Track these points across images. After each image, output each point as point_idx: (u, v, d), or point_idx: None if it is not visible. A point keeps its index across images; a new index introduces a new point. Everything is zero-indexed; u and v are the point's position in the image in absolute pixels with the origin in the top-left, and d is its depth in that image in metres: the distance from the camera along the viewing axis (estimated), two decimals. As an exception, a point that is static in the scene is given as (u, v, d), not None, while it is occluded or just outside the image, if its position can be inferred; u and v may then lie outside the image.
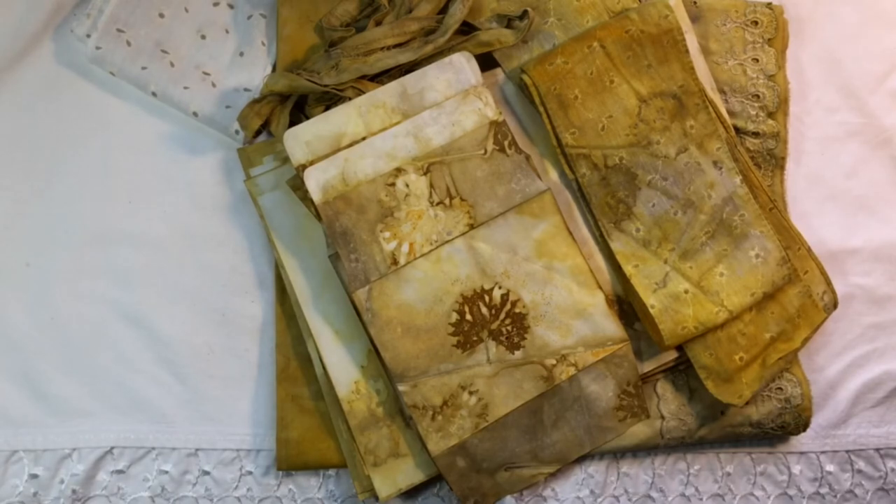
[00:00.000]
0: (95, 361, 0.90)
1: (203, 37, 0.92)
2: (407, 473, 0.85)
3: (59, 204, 0.92)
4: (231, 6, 0.93)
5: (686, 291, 0.84)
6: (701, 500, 0.93)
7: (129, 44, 0.89)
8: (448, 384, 0.81)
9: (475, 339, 0.81)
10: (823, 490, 0.94)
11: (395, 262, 0.80)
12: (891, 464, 0.95)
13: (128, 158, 0.93)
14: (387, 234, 0.81)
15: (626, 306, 0.88)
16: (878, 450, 0.95)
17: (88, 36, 0.89)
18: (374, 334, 0.80)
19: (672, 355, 0.87)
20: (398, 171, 0.81)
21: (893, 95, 0.98)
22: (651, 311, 0.83)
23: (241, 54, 0.92)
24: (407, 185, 0.81)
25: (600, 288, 0.84)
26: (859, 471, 0.94)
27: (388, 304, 0.80)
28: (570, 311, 0.83)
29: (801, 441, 0.94)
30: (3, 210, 0.92)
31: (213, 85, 0.91)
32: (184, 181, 0.92)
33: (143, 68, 0.90)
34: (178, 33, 0.91)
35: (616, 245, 0.86)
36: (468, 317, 0.81)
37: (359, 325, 0.84)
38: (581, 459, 0.91)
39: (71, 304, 0.91)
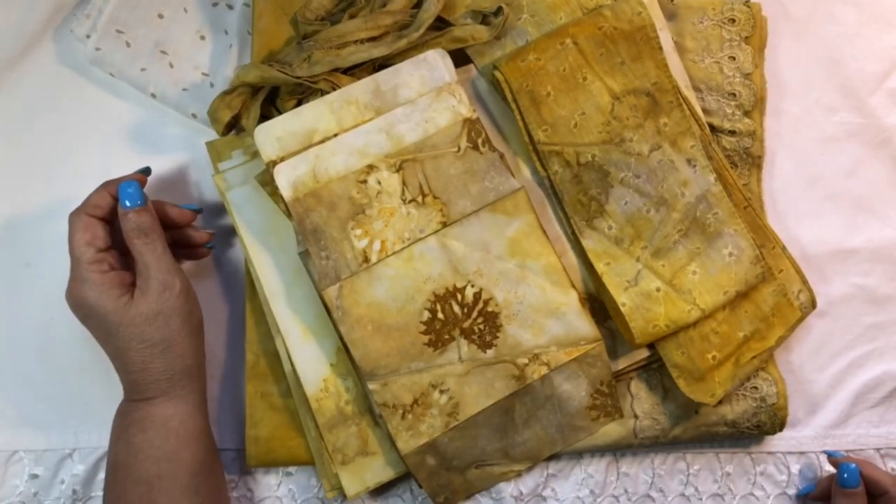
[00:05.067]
0: (96, 361, 0.90)
1: (202, 37, 0.92)
2: (375, 471, 0.85)
3: (59, 204, 0.91)
4: (230, 6, 0.93)
5: (658, 290, 0.84)
6: (700, 500, 0.94)
7: (128, 45, 0.89)
8: (419, 383, 0.81)
9: (447, 337, 0.82)
10: (824, 490, 0.95)
11: (366, 259, 0.80)
12: (891, 464, 0.96)
13: (128, 159, 0.92)
14: (358, 232, 0.80)
15: (598, 304, 0.88)
16: (878, 450, 0.96)
17: (88, 37, 0.89)
18: (344, 332, 0.81)
19: (644, 353, 0.88)
20: (370, 168, 0.81)
21: (893, 95, 0.98)
22: (622, 309, 0.84)
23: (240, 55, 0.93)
24: (379, 183, 0.81)
25: (574, 287, 0.84)
26: (860, 471, 0.94)
27: (358, 301, 0.80)
28: (542, 310, 0.83)
29: (801, 441, 0.95)
30: (3, 210, 0.92)
31: (212, 85, 0.91)
32: (183, 181, 0.93)
33: (143, 70, 0.90)
34: (177, 34, 0.91)
35: (588, 243, 0.86)
36: (440, 315, 0.82)
37: (328, 323, 0.84)
38: (580, 459, 0.92)
39: (71, 305, 0.91)
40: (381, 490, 0.90)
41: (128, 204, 0.79)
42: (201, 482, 0.78)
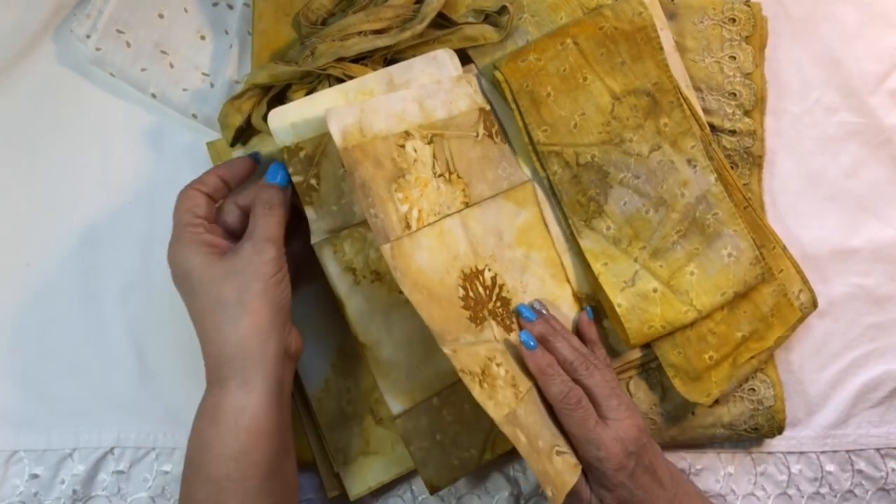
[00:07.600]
0: (96, 361, 0.91)
1: (203, 37, 0.93)
2: (377, 471, 0.86)
3: (59, 204, 0.92)
4: (230, 6, 0.93)
5: (655, 290, 0.85)
6: (702, 500, 0.94)
7: (128, 45, 0.90)
8: (479, 354, 0.77)
9: (481, 315, 0.80)
10: (823, 490, 0.96)
11: (408, 225, 0.78)
12: (891, 464, 0.96)
13: (129, 158, 0.93)
14: (400, 196, 0.78)
15: (595, 304, 0.89)
16: (878, 450, 0.97)
17: (88, 37, 0.90)
18: (407, 292, 0.75)
19: (636, 353, 0.89)
20: (407, 134, 0.80)
21: (893, 95, 1.00)
22: (618, 310, 0.85)
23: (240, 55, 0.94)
24: (415, 150, 0.80)
25: (569, 282, 0.86)
26: (859, 471, 0.96)
27: (409, 265, 0.76)
28: (541, 300, 0.85)
29: (801, 441, 0.96)
30: (4, 210, 0.92)
31: (212, 86, 0.92)
32: (184, 181, 0.92)
33: (143, 70, 0.91)
34: (177, 34, 0.92)
35: (586, 243, 0.87)
36: (471, 294, 0.80)
37: (330, 322, 0.85)
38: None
39: (71, 305, 0.91)
40: (382, 490, 0.90)
41: (270, 179, 0.81)
42: (273, 484, 0.73)
